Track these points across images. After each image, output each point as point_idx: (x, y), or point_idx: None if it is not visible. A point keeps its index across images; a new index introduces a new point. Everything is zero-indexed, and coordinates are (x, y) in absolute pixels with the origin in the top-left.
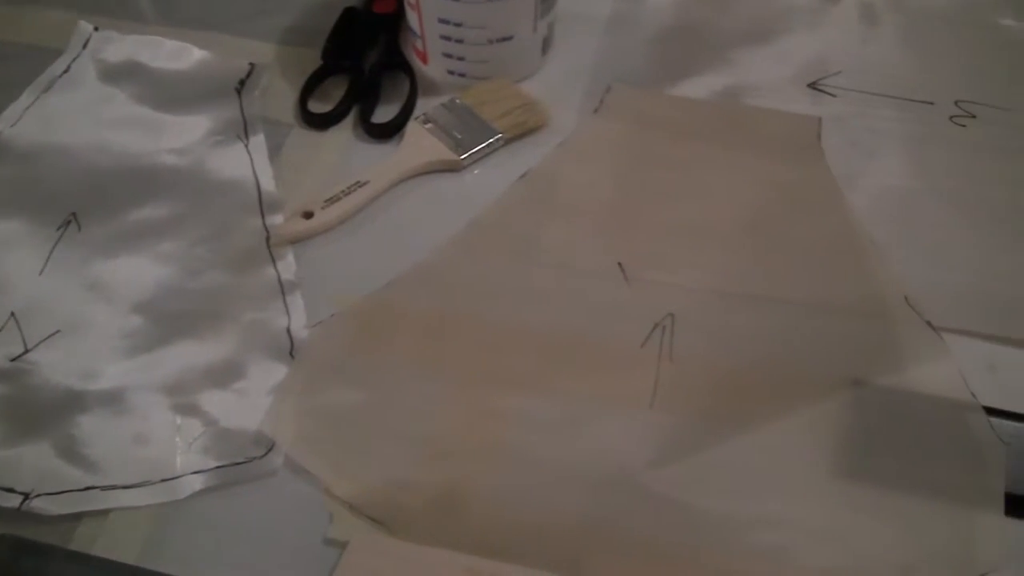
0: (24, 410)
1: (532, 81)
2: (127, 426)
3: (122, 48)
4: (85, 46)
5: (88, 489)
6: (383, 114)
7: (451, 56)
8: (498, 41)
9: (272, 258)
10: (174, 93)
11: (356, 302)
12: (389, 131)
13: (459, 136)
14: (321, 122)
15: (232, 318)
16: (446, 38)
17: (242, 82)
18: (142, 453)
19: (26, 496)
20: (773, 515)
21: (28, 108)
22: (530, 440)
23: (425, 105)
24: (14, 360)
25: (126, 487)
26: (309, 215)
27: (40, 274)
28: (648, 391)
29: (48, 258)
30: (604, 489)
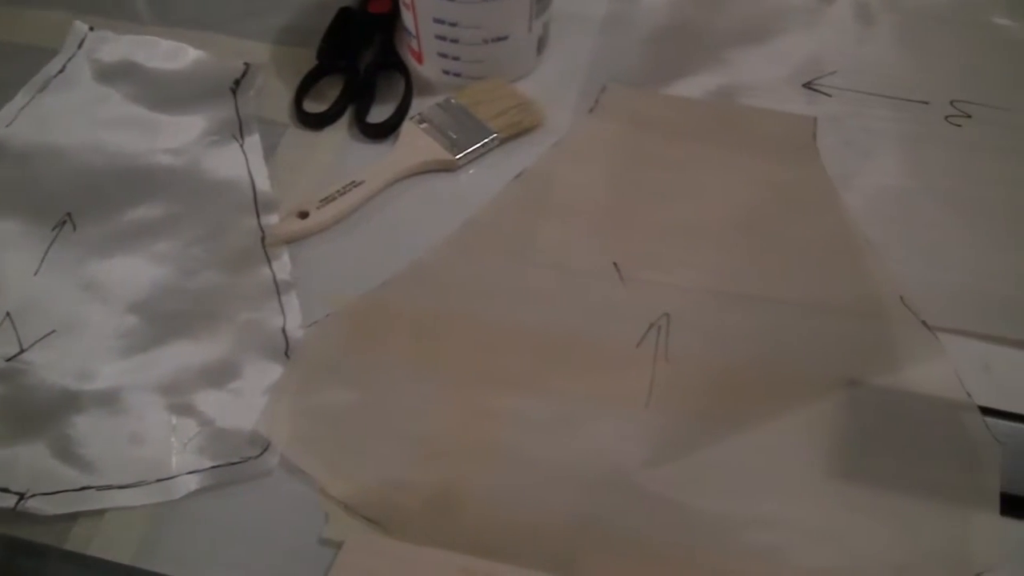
0: (19, 410)
1: (527, 81)
2: (122, 426)
3: (117, 48)
4: (80, 46)
5: (84, 489)
6: (378, 114)
7: (446, 56)
8: (493, 41)
9: (267, 258)
10: (169, 93)
11: (351, 302)
12: (384, 131)
13: (454, 136)
14: (316, 122)
15: (227, 318)
16: (441, 38)
17: (237, 82)
18: (137, 453)
19: (21, 496)
20: (768, 515)
21: (23, 108)
22: (525, 440)
23: (420, 105)
24: (9, 360)
25: (121, 487)
26: (304, 215)
27: (35, 274)
28: (643, 391)
29: (43, 258)
30: (599, 489)
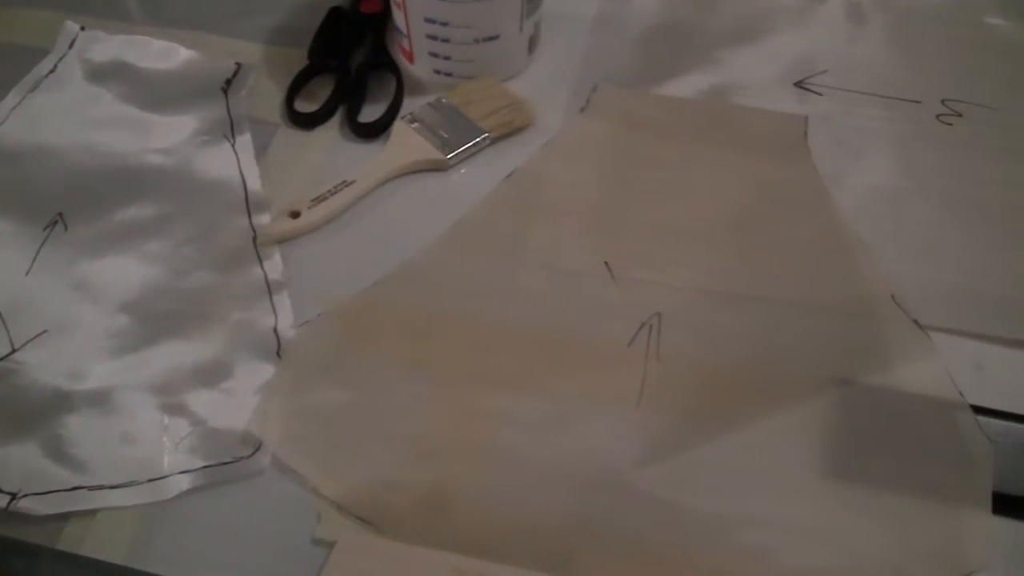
0: (11, 410)
1: (518, 80)
2: (114, 426)
3: (108, 48)
4: (71, 46)
5: (75, 489)
6: (369, 113)
7: (437, 55)
8: (484, 40)
9: (259, 258)
10: (161, 93)
11: (343, 302)
12: (375, 130)
13: (445, 135)
14: (308, 121)
15: (219, 318)
16: (432, 37)
17: (229, 82)
18: (129, 453)
19: (13, 496)
20: (760, 514)
21: (14, 108)
22: (517, 439)
23: (411, 104)
24: (1, 360)
25: (113, 487)
26: (296, 215)
27: (27, 274)
28: (635, 390)
29: (35, 258)
30: (591, 488)
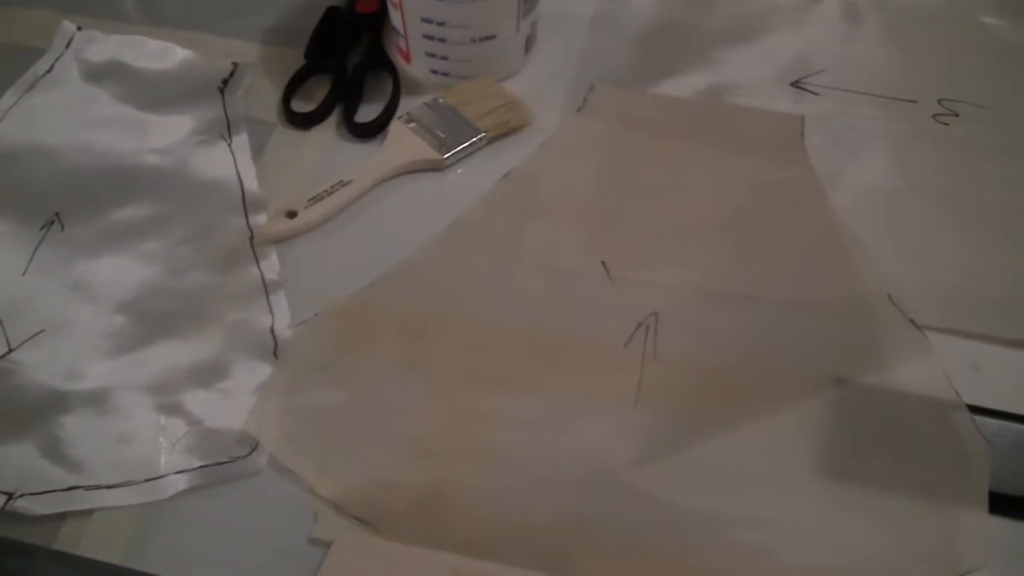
0: (8, 410)
1: (515, 80)
2: (111, 426)
3: (105, 48)
4: (68, 46)
5: (72, 489)
6: (366, 113)
7: (434, 55)
8: (481, 40)
9: (256, 258)
10: (157, 93)
11: (339, 301)
12: (372, 130)
13: (442, 135)
14: (304, 121)
15: (216, 318)
16: (429, 37)
17: (225, 81)
18: (126, 453)
19: (10, 496)
20: (757, 514)
21: (11, 108)
22: (514, 439)
23: (408, 104)
24: None
25: (110, 487)
26: (292, 214)
27: (23, 274)
28: (632, 390)
29: (31, 258)
30: (588, 488)
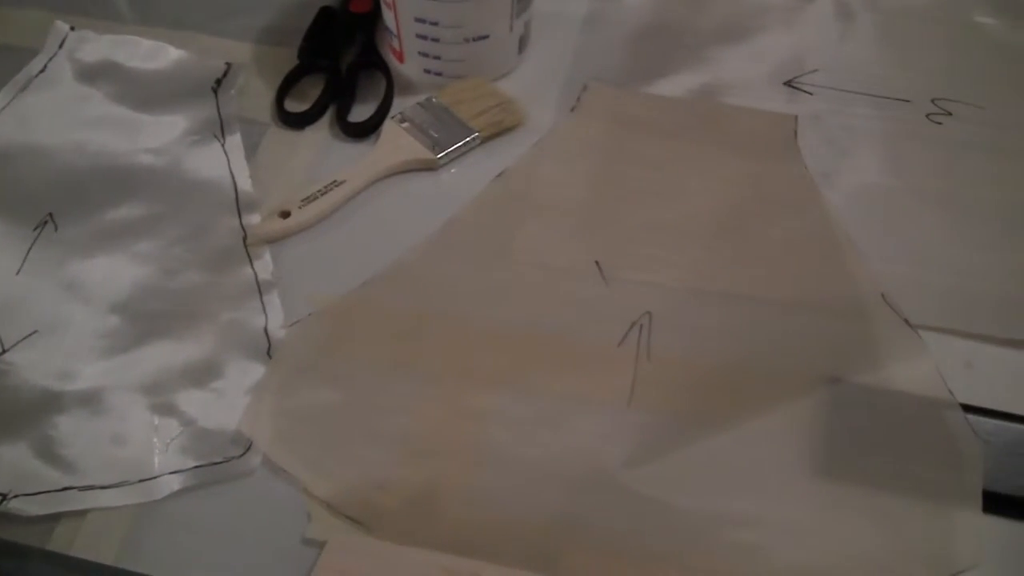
0: (1, 411)
1: (508, 80)
2: (105, 426)
3: (98, 48)
4: (61, 46)
5: (66, 490)
6: (359, 113)
7: (427, 55)
8: (474, 40)
9: (249, 258)
10: (151, 93)
11: (333, 301)
12: (366, 130)
13: (435, 135)
14: (298, 121)
15: (209, 318)
16: (422, 37)
17: (219, 81)
18: (120, 453)
19: (3, 497)
20: (750, 513)
21: (4, 108)
22: (507, 439)
23: (401, 104)
24: None
25: (104, 487)
26: (286, 214)
27: (17, 274)
28: (625, 390)
29: (25, 258)
30: (581, 488)
